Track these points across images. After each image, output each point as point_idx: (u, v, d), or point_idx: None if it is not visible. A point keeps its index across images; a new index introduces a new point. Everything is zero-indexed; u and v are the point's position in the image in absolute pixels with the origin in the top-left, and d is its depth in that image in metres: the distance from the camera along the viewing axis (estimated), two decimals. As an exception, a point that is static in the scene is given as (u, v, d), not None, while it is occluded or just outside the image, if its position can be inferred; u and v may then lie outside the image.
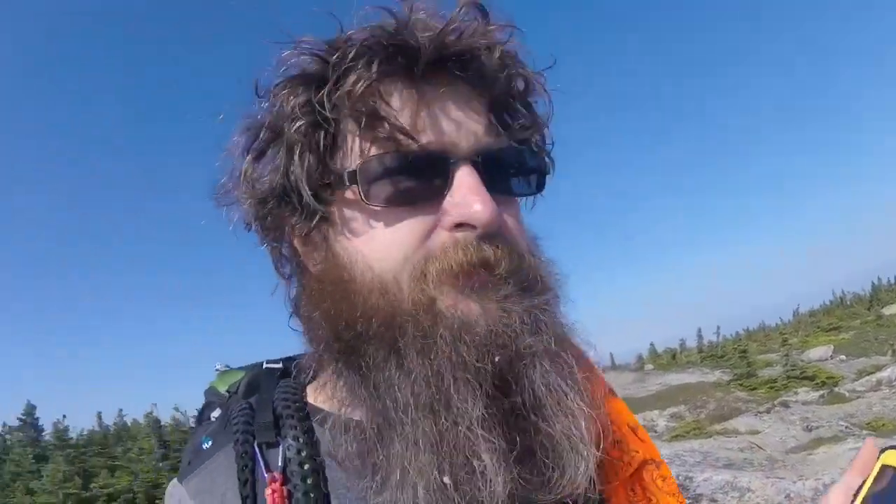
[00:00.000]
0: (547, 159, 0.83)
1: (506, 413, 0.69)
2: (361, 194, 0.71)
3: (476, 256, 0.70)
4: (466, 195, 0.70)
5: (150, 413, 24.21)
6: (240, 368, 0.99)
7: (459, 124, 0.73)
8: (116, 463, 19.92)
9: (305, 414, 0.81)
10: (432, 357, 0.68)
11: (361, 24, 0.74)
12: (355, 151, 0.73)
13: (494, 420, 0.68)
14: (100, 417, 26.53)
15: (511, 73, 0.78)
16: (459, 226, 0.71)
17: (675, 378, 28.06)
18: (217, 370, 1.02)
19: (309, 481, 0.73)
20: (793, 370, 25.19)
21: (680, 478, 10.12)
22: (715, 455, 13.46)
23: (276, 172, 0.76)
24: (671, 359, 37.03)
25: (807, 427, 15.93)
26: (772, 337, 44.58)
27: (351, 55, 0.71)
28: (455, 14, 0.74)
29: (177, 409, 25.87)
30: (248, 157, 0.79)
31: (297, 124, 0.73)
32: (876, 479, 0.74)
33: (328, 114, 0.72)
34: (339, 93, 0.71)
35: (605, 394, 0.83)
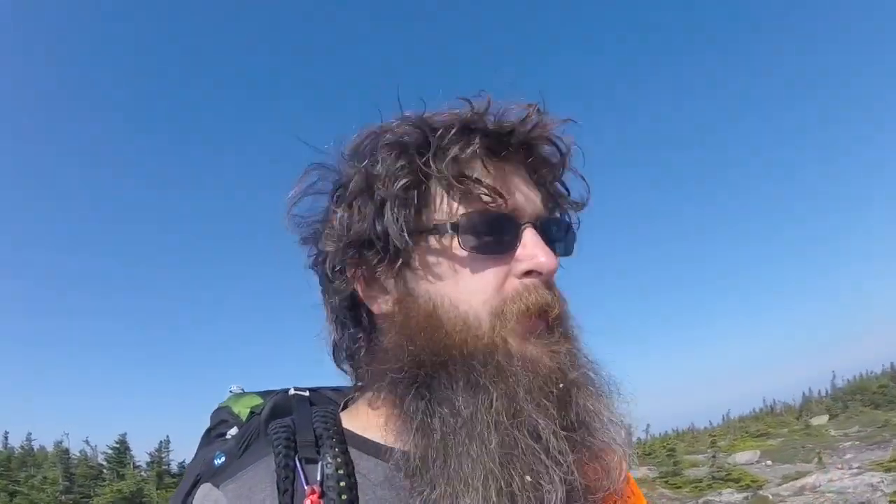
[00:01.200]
0: (575, 232, 0.99)
1: (563, 430, 0.81)
2: (460, 242, 0.84)
3: (542, 299, 0.84)
4: (535, 248, 0.85)
5: (61, 442, 22.99)
6: (256, 393, 1.07)
7: (526, 195, 0.89)
8: (18, 488, 18.46)
9: (342, 437, 0.87)
10: (509, 382, 0.79)
11: (445, 108, 0.89)
12: (445, 208, 0.86)
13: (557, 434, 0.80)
14: (6, 438, 25.07)
15: (562, 163, 0.95)
16: (527, 273, 0.85)
17: (601, 471, 27.32)
18: (231, 392, 1.09)
19: (344, 497, 0.80)
20: (718, 471, 25.02)
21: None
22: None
23: (364, 221, 0.86)
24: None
25: (728, 527, 15.35)
26: (700, 438, 44.57)
27: (453, 132, 0.85)
28: (527, 110, 0.89)
29: (87, 443, 24.39)
30: (342, 206, 0.89)
31: (398, 183, 0.84)
32: None
33: (422, 177, 0.85)
34: (443, 161, 0.84)
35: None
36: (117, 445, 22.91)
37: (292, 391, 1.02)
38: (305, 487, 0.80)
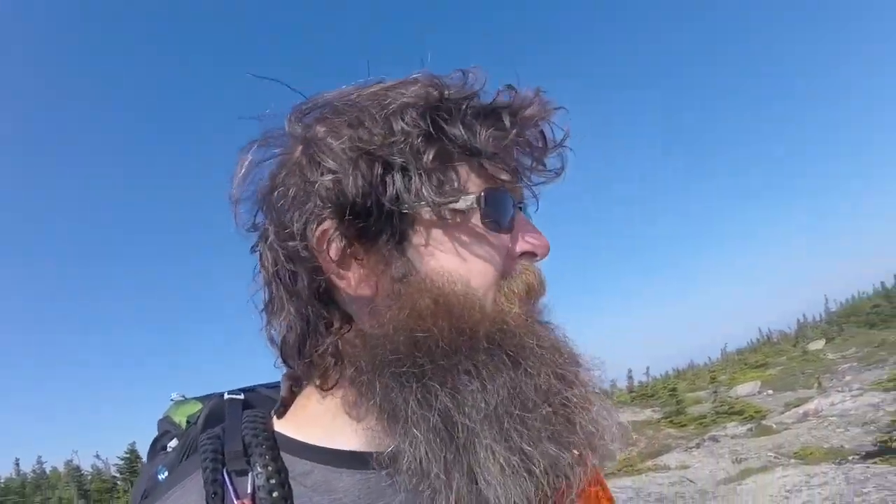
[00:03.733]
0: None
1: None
2: (481, 217, 0.80)
3: (540, 279, 0.85)
4: (531, 231, 0.86)
5: (71, 461, 23.24)
6: (196, 399, 1.03)
7: (518, 175, 0.86)
8: (35, 513, 18.76)
9: (274, 443, 0.82)
10: (536, 362, 0.77)
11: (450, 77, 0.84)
12: (464, 181, 0.80)
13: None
14: (17, 464, 25.28)
15: (552, 148, 0.87)
16: (524, 254, 0.84)
17: (606, 417, 27.75)
18: (172, 400, 1.05)
19: None
20: (721, 406, 25.39)
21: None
22: (647, 490, 13.48)
23: (368, 186, 0.77)
24: (603, 399, 36.65)
25: (736, 459, 15.83)
26: (700, 375, 45.29)
27: (478, 105, 0.80)
28: (534, 95, 0.83)
29: (98, 457, 24.59)
30: (353, 172, 0.77)
31: (426, 150, 0.77)
32: None
33: (448, 145, 0.78)
34: (471, 134, 0.78)
35: None
36: (128, 455, 23.19)
37: (227, 395, 0.96)
38: (235, 502, 0.75)
